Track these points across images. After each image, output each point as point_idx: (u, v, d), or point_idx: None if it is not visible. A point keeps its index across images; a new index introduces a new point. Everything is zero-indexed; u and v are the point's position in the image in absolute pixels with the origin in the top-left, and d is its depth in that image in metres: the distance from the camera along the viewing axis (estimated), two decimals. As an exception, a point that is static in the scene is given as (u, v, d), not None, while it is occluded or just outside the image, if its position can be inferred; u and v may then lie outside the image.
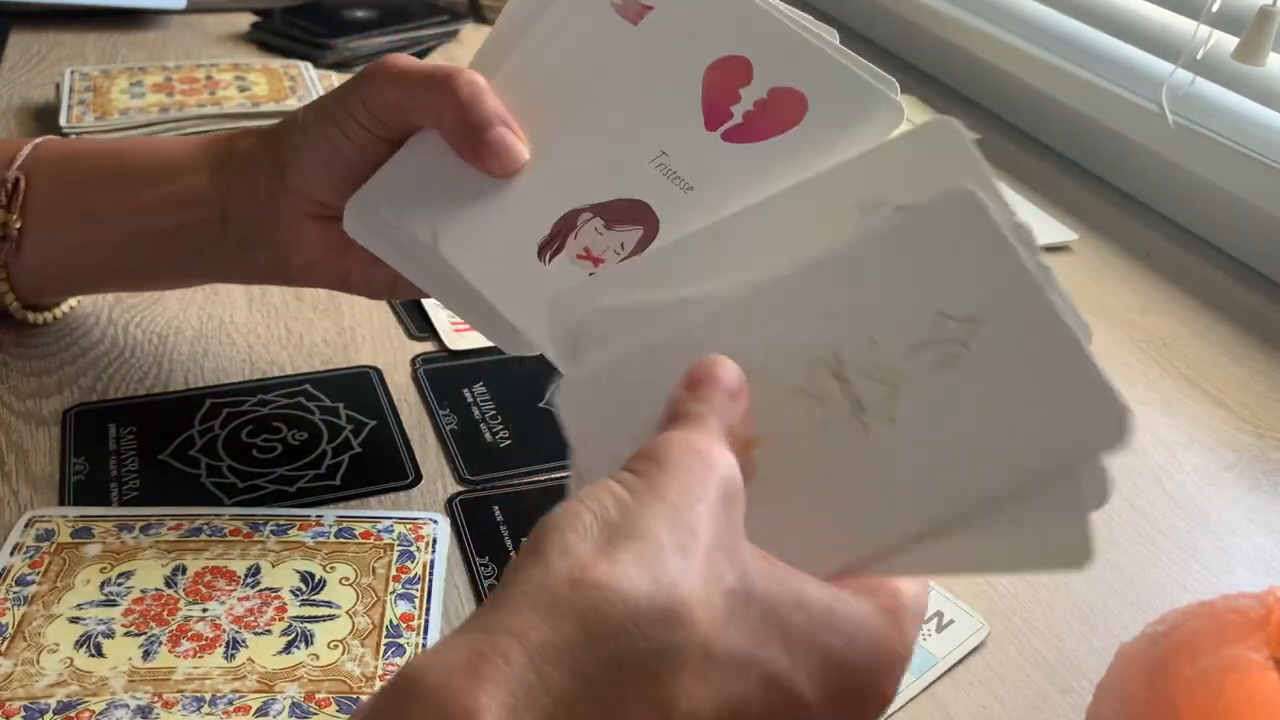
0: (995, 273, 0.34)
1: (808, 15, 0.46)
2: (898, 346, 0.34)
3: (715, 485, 0.31)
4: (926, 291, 0.34)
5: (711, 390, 0.34)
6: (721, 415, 0.33)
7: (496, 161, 0.45)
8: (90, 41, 0.96)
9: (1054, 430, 0.33)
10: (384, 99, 0.46)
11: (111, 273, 0.55)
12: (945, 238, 0.35)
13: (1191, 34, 0.82)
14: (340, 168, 0.47)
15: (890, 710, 0.43)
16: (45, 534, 0.46)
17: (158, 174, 0.51)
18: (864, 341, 0.34)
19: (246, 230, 0.50)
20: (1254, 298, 0.76)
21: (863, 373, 0.34)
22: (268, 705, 0.40)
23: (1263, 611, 0.36)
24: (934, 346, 0.34)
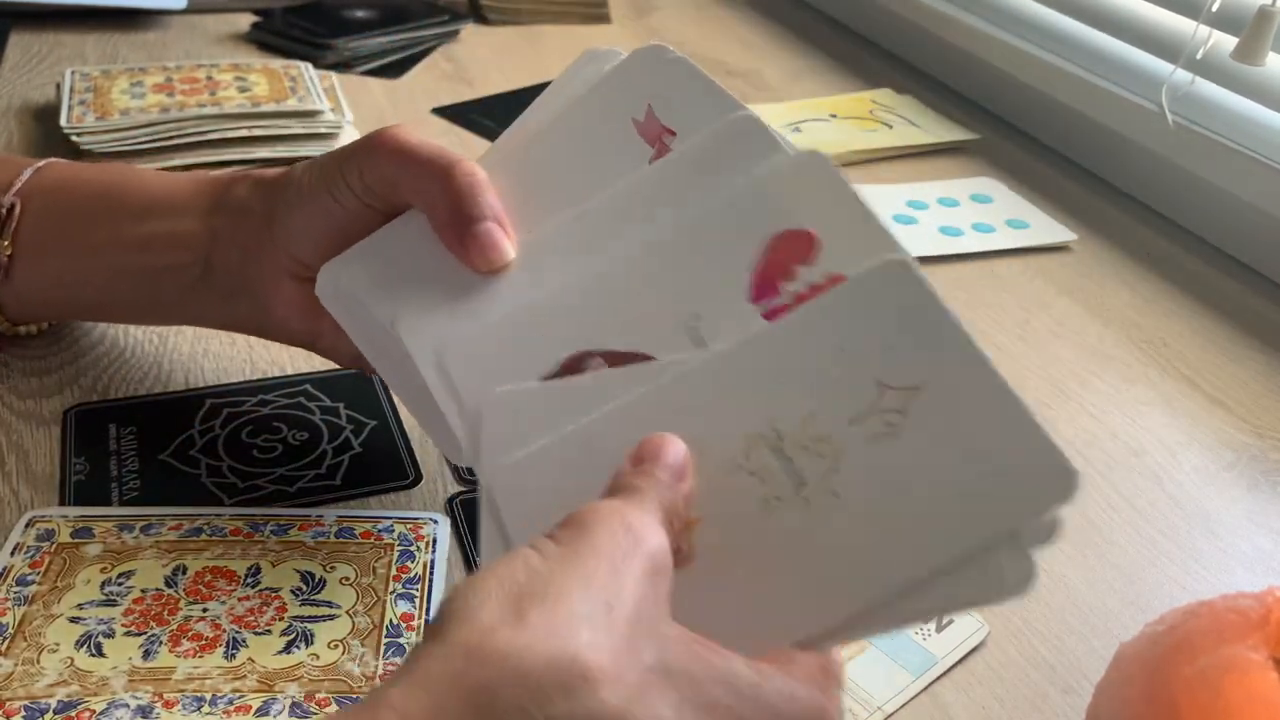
0: (932, 340, 0.34)
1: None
2: (837, 419, 0.34)
3: (640, 559, 0.29)
4: (864, 362, 0.34)
5: (655, 466, 0.33)
6: (662, 492, 0.32)
7: (481, 256, 0.42)
8: (90, 41, 0.96)
9: (1000, 496, 0.32)
10: (380, 172, 0.44)
11: (94, 306, 0.54)
12: (879, 308, 0.35)
13: (1191, 34, 0.82)
14: (327, 231, 0.46)
15: (890, 710, 0.43)
16: (45, 534, 0.46)
17: (150, 211, 0.51)
18: (803, 415, 0.34)
19: (229, 278, 0.49)
20: (1254, 298, 0.76)
21: (802, 447, 0.34)
22: (268, 705, 0.40)
23: (1262, 611, 0.36)
24: (873, 417, 0.34)
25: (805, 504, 0.34)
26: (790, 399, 0.34)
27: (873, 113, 0.96)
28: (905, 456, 0.33)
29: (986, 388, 0.33)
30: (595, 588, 0.28)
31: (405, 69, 0.99)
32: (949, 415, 0.33)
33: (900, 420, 0.33)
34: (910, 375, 0.34)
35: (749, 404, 0.35)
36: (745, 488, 0.34)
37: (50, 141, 0.79)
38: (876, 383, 0.34)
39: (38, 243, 0.52)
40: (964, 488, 0.33)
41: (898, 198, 0.83)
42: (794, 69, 1.07)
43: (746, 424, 0.35)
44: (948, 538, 0.32)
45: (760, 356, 0.35)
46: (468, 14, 1.10)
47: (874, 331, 0.34)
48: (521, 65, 1.02)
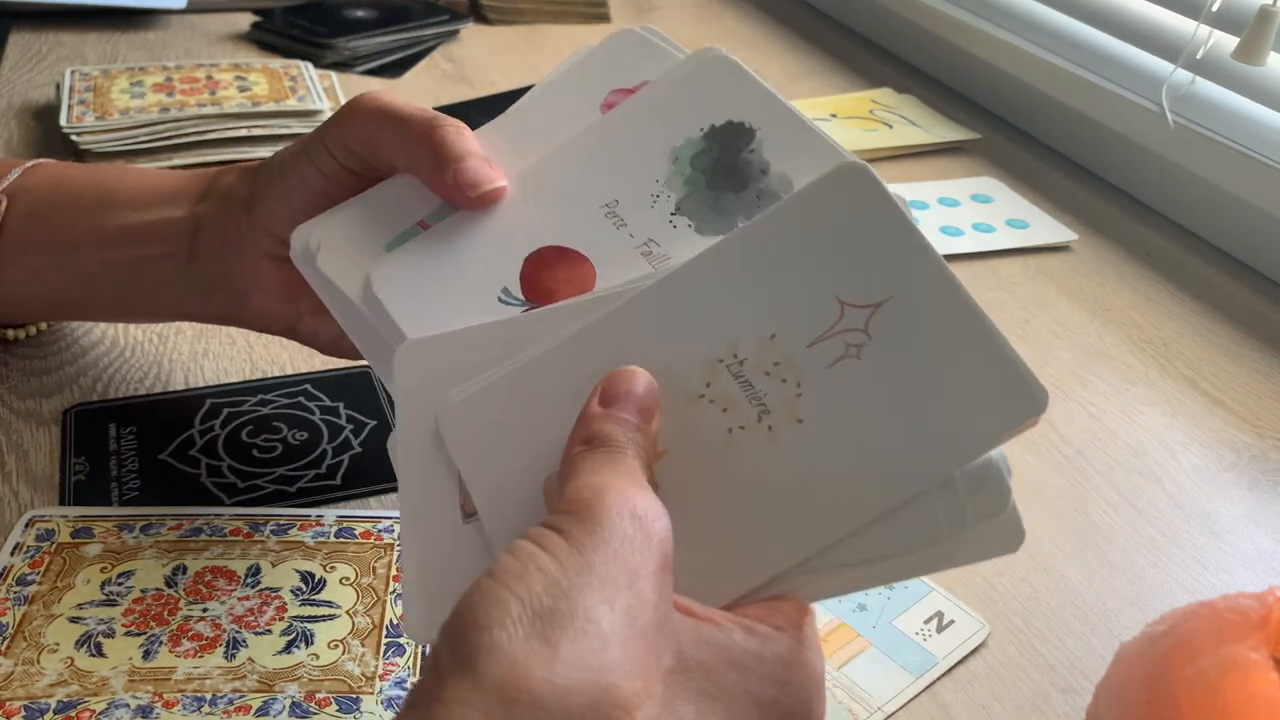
0: (893, 252, 0.32)
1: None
2: (798, 340, 0.32)
3: (654, 554, 0.29)
4: (824, 278, 0.33)
5: (627, 406, 0.32)
6: (639, 440, 0.32)
7: (470, 185, 0.41)
8: (90, 41, 0.96)
9: (966, 416, 0.31)
10: (362, 134, 0.44)
11: (81, 304, 0.54)
12: (838, 218, 0.33)
13: (1191, 34, 0.82)
14: (304, 200, 0.46)
15: (891, 710, 0.43)
16: (45, 534, 0.46)
17: (137, 203, 0.50)
18: (764, 338, 0.33)
19: (209, 266, 0.49)
20: (1254, 298, 0.76)
21: (764, 371, 0.32)
22: (268, 705, 0.40)
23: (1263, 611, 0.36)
24: (835, 336, 0.32)
25: (769, 432, 0.32)
26: (750, 320, 0.33)
27: (873, 113, 0.96)
28: (869, 379, 0.32)
29: (952, 304, 0.32)
30: (616, 599, 0.27)
31: (405, 69, 0.99)
32: (912, 334, 0.32)
33: (862, 339, 0.32)
34: (871, 291, 0.32)
35: (709, 327, 0.33)
36: (709, 418, 0.33)
37: (50, 141, 0.79)
38: (836, 299, 0.32)
39: (21, 241, 0.51)
40: (930, 410, 0.31)
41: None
42: (794, 69, 1.07)
43: (707, 350, 0.33)
44: (918, 461, 0.31)
45: (717, 274, 0.34)
46: (468, 14, 1.10)
47: (832, 242, 0.33)
48: (521, 65, 1.02)
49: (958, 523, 0.31)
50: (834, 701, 0.43)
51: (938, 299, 0.32)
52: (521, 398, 0.34)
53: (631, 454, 0.31)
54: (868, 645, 0.45)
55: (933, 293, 0.32)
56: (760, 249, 0.34)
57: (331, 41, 0.97)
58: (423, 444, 0.34)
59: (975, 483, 0.31)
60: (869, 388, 0.32)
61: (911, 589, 0.48)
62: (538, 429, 0.33)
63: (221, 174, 0.50)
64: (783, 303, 0.33)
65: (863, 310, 0.32)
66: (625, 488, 0.30)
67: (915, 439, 0.31)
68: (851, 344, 0.32)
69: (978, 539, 0.31)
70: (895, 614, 0.47)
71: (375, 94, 0.45)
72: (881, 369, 0.32)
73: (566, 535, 0.28)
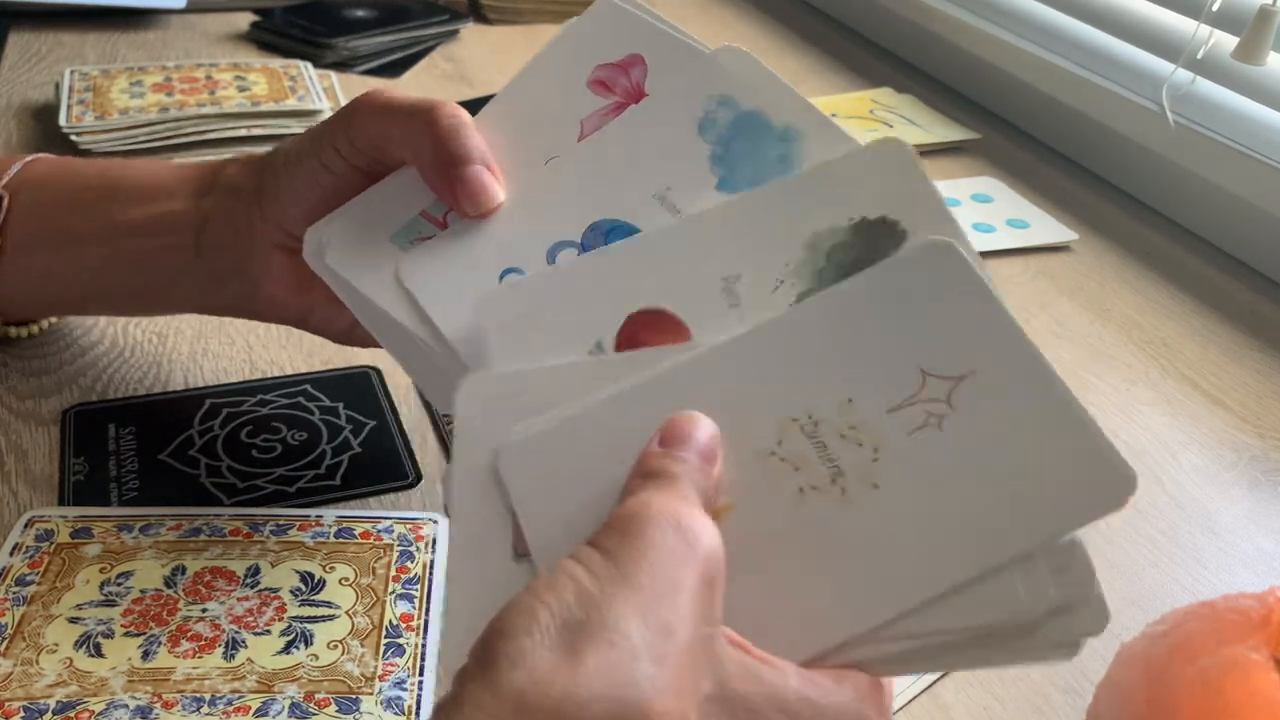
0: (979, 326, 0.32)
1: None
2: (877, 407, 0.32)
3: (697, 567, 0.27)
4: (907, 348, 0.32)
5: (686, 448, 0.31)
6: (698, 481, 0.30)
7: (469, 200, 0.42)
8: (90, 41, 0.96)
9: (1051, 494, 0.31)
10: (366, 130, 0.44)
11: (87, 298, 0.54)
12: (924, 291, 0.33)
13: (1191, 34, 0.82)
14: (315, 199, 0.46)
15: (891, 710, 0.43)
16: (45, 534, 0.46)
17: (142, 196, 0.50)
18: (841, 402, 0.32)
19: (220, 258, 0.49)
20: (1254, 298, 0.76)
21: (840, 435, 0.32)
22: (267, 705, 0.40)
23: (1263, 611, 0.36)
24: (916, 405, 0.32)
25: (842, 495, 0.32)
26: (827, 383, 0.33)
27: (873, 113, 0.96)
28: (950, 449, 0.31)
29: (1037, 380, 0.31)
30: (652, 610, 0.26)
31: (405, 68, 0.99)
32: (996, 407, 0.31)
33: (945, 410, 0.32)
34: (955, 363, 0.32)
35: (783, 386, 0.33)
36: (778, 475, 0.32)
37: (50, 141, 0.78)
38: (919, 369, 0.32)
39: (27, 235, 0.51)
40: (1014, 485, 0.31)
41: (898, 197, 0.83)
42: (794, 69, 1.07)
43: (779, 407, 0.33)
44: (995, 535, 0.30)
45: (796, 335, 0.34)
46: (468, 14, 1.10)
47: (917, 314, 0.33)
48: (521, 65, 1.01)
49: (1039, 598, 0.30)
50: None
51: (1023, 376, 0.32)
52: (584, 441, 0.33)
53: (687, 484, 0.30)
54: (868, 645, 0.45)
55: (1018, 369, 0.32)
56: (843, 315, 0.33)
57: (331, 41, 0.97)
58: (480, 479, 0.34)
59: (1058, 562, 0.31)
60: (950, 458, 0.31)
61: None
62: (598, 474, 0.32)
63: (223, 166, 0.50)
64: (862, 369, 0.33)
65: (945, 381, 0.32)
66: (672, 503, 0.29)
67: (996, 512, 0.31)
68: (933, 414, 0.32)
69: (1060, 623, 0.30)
70: (895, 614, 0.47)
71: (378, 91, 0.45)
72: (964, 440, 0.31)
73: (603, 549, 0.27)
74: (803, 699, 0.29)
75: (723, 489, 0.32)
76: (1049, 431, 0.31)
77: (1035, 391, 0.31)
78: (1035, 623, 0.30)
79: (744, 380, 0.33)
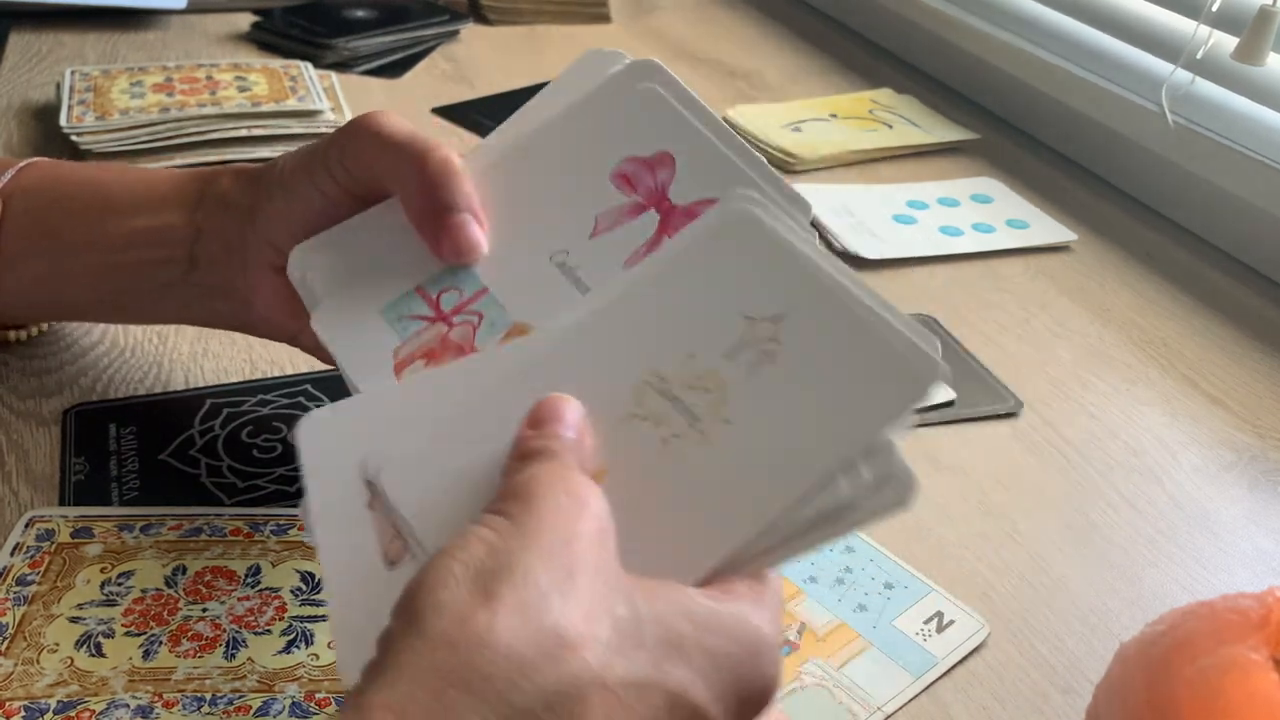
0: (783, 272, 0.36)
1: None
2: (715, 354, 0.36)
3: (590, 521, 0.31)
4: (728, 300, 0.37)
5: (558, 427, 0.34)
6: (574, 449, 0.33)
7: (451, 247, 0.42)
8: (90, 41, 0.96)
9: (872, 393, 0.34)
10: (360, 157, 0.44)
11: (78, 306, 0.54)
12: (730, 248, 0.37)
13: (1191, 34, 0.82)
14: (307, 220, 0.45)
15: (890, 710, 0.43)
16: (45, 534, 0.46)
17: (135, 206, 0.50)
18: (683, 357, 0.36)
19: (212, 274, 0.49)
20: (1254, 298, 0.76)
21: (689, 386, 0.36)
22: (268, 705, 0.40)
23: (1262, 611, 0.36)
24: (749, 347, 0.36)
25: (702, 435, 0.35)
26: (667, 345, 0.37)
27: (873, 113, 0.96)
28: (786, 376, 0.35)
29: (840, 308, 0.35)
30: (554, 557, 0.29)
31: (405, 69, 0.99)
32: (815, 332, 0.35)
33: (774, 346, 0.36)
34: (771, 306, 0.36)
35: (629, 356, 0.37)
36: (642, 432, 0.36)
37: (50, 141, 0.79)
38: (743, 316, 0.36)
39: (19, 243, 0.51)
40: (842, 393, 0.35)
41: (898, 198, 0.83)
42: (794, 69, 1.07)
43: (631, 375, 0.36)
44: (835, 441, 0.34)
45: (632, 309, 0.37)
46: (468, 14, 1.10)
47: (730, 271, 0.37)
48: (521, 65, 1.02)
49: (858, 484, 0.34)
50: (834, 702, 0.43)
51: (830, 306, 0.36)
52: (459, 443, 0.36)
53: (566, 456, 0.33)
54: (868, 646, 0.45)
55: (824, 302, 0.36)
56: (669, 283, 0.38)
57: (331, 42, 0.97)
58: (339, 503, 0.37)
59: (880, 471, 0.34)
60: (787, 385, 0.35)
61: (911, 589, 0.48)
62: (478, 472, 0.35)
63: (216, 176, 0.50)
64: (697, 325, 0.37)
65: (770, 322, 0.36)
66: (560, 471, 0.32)
67: (824, 425, 0.35)
68: (765, 351, 0.36)
69: (876, 497, 0.34)
70: (895, 614, 0.47)
71: (376, 115, 0.45)
72: (795, 366, 0.35)
73: (505, 513, 0.30)
74: (704, 608, 0.32)
75: (595, 456, 0.35)
76: (856, 348, 0.35)
77: (838, 316, 0.36)
78: (855, 502, 0.34)
79: (594, 358, 0.37)
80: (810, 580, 0.48)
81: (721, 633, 0.31)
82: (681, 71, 0.45)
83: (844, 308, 0.36)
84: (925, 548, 0.51)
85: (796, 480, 0.34)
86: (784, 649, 0.45)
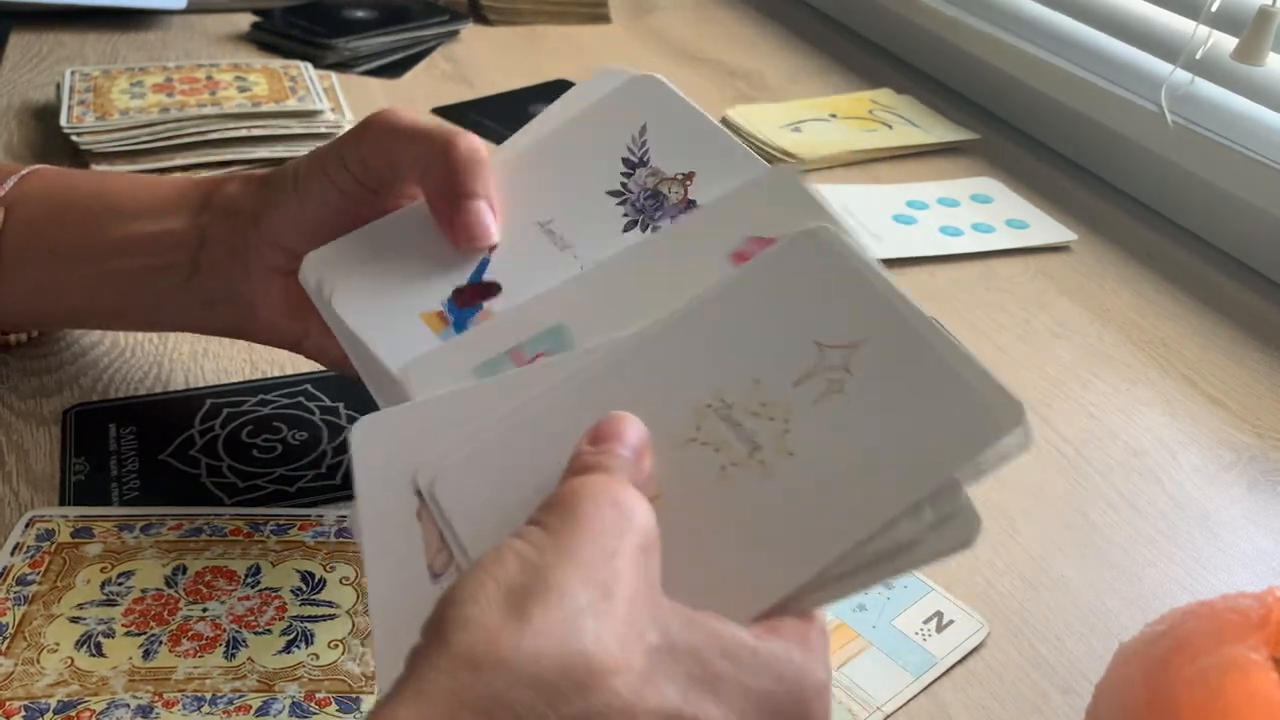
0: (860, 299, 0.35)
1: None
2: (783, 382, 0.35)
3: (633, 537, 0.29)
4: (801, 325, 0.35)
5: (616, 445, 0.33)
6: (629, 470, 0.32)
7: (465, 232, 0.43)
8: (90, 41, 0.96)
9: (951, 433, 0.33)
10: (380, 150, 0.44)
11: (78, 314, 0.54)
12: (807, 273, 0.36)
13: (1191, 34, 0.82)
14: (320, 219, 0.45)
15: (890, 710, 0.43)
16: (45, 534, 0.46)
17: (137, 212, 0.50)
18: (749, 383, 0.35)
19: (215, 278, 0.49)
20: (1254, 298, 0.76)
21: (752, 413, 0.35)
22: (268, 705, 0.40)
23: (1262, 611, 0.36)
24: (818, 375, 0.35)
25: (761, 466, 0.34)
26: (734, 368, 0.35)
27: (873, 113, 0.96)
28: (854, 408, 0.34)
29: (918, 339, 0.34)
30: (592, 574, 0.28)
31: (405, 69, 0.99)
32: (889, 365, 0.34)
33: (844, 376, 0.34)
34: (845, 334, 0.35)
35: (693, 377, 0.36)
36: (701, 458, 0.34)
37: (50, 141, 0.79)
38: (815, 344, 0.35)
39: (21, 252, 0.51)
40: (915, 431, 0.33)
41: (898, 198, 0.83)
42: (794, 69, 1.07)
43: (693, 397, 0.35)
44: (905, 482, 0.33)
45: (699, 329, 0.36)
46: (468, 14, 1.10)
47: (804, 296, 0.36)
48: (521, 65, 1.02)
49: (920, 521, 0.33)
50: (834, 701, 0.43)
51: (907, 338, 0.34)
52: (514, 456, 0.35)
53: (619, 472, 0.32)
54: (868, 645, 0.45)
55: (902, 333, 0.35)
56: (739, 305, 0.37)
57: (331, 42, 0.97)
58: (388, 511, 0.36)
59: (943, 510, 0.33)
60: (854, 418, 0.34)
61: (911, 589, 0.48)
62: (532, 488, 0.34)
63: (222, 183, 0.50)
64: (765, 350, 0.36)
65: (840, 350, 0.35)
66: (607, 482, 0.30)
67: (897, 462, 0.33)
68: (834, 381, 0.35)
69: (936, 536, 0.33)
70: (895, 614, 0.47)
71: (393, 110, 0.45)
72: (863, 401, 0.34)
73: (544, 524, 0.29)
74: (743, 644, 0.30)
75: (653, 481, 0.34)
76: (939, 377, 0.34)
77: (918, 349, 0.34)
78: (916, 540, 0.32)
79: (656, 376, 0.36)
80: (810, 580, 0.48)
81: (762, 672, 0.30)
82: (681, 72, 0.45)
83: (923, 340, 0.34)
84: (925, 548, 0.51)
85: (860, 523, 0.33)
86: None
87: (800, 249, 0.37)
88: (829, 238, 0.36)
